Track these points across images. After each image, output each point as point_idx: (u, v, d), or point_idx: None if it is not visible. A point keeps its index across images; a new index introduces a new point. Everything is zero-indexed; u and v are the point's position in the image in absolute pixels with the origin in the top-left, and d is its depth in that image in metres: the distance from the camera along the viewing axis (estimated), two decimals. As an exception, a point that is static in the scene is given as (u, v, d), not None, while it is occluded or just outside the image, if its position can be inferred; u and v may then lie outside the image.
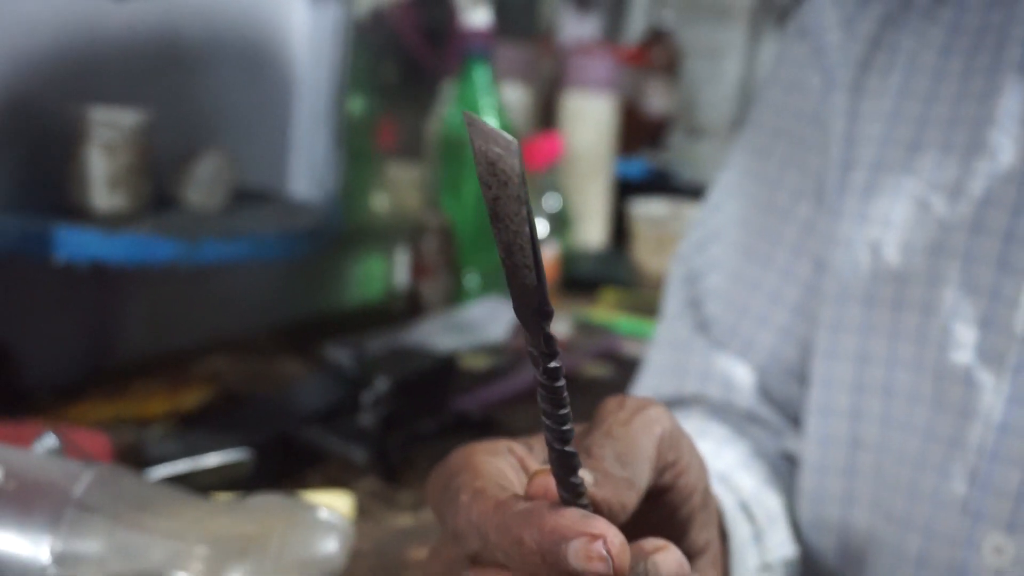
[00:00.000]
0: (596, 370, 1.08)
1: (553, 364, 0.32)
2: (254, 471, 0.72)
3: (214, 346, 1.07)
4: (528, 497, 0.35)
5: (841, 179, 0.64)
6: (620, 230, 1.63)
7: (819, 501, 0.63)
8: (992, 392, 0.55)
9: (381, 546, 0.68)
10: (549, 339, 0.31)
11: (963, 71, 0.61)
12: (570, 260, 1.45)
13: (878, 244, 0.61)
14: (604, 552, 0.32)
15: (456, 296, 1.24)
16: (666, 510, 0.41)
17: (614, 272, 1.48)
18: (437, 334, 1.14)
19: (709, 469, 0.56)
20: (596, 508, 0.35)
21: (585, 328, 1.21)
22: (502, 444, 0.40)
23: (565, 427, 0.33)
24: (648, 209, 1.55)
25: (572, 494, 0.35)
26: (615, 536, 0.33)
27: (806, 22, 0.69)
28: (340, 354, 0.93)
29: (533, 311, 0.30)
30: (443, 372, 0.90)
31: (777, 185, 0.69)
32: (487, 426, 0.89)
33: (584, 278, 1.44)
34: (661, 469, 0.39)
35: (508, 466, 0.39)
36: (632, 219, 1.56)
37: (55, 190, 0.89)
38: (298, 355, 1.07)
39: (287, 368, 1.04)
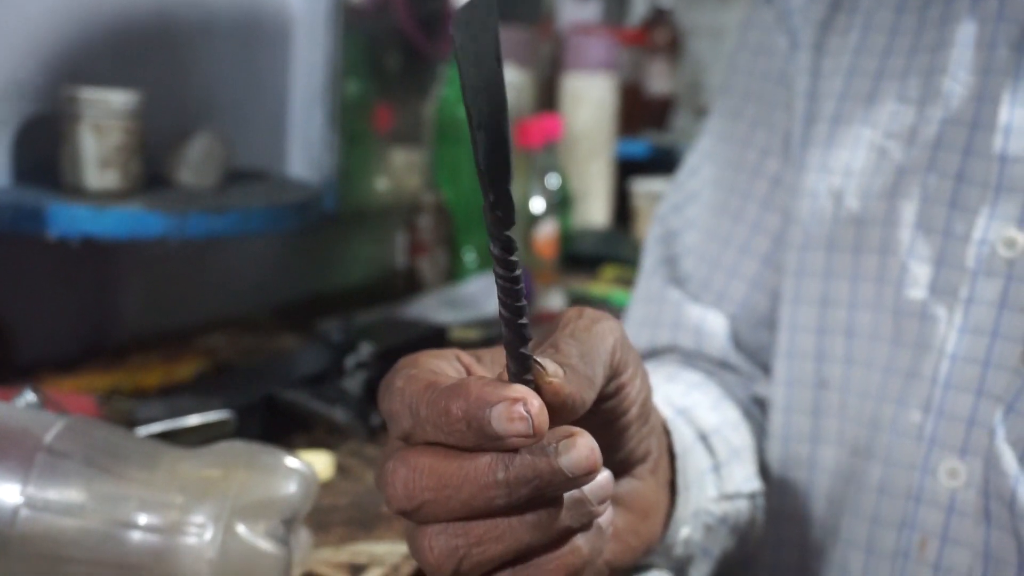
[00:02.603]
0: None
1: (510, 233, 0.33)
2: (237, 432, 0.74)
3: (212, 324, 1.09)
4: None
5: (805, 133, 0.66)
6: (623, 209, 1.64)
7: (787, 440, 0.65)
8: (945, 324, 0.57)
9: (358, 500, 0.70)
10: (508, 202, 0.32)
11: (916, 25, 0.63)
12: (571, 238, 1.47)
13: (840, 192, 0.63)
14: (524, 413, 0.34)
15: (453, 273, 1.26)
16: (606, 416, 0.43)
17: (616, 249, 1.49)
18: (434, 310, 1.16)
19: (674, 405, 0.58)
20: (560, 400, 0.37)
21: (581, 302, 1.22)
22: (451, 351, 0.42)
23: (519, 302, 0.35)
24: (649, 187, 1.56)
25: (521, 367, 0.36)
26: (534, 399, 0.34)
27: None
28: (331, 327, 0.95)
29: (496, 170, 0.32)
30: (430, 342, 0.92)
31: (747, 144, 0.71)
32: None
33: (586, 256, 1.46)
34: (610, 376, 0.41)
35: (451, 368, 0.41)
36: (634, 197, 1.57)
37: (49, 170, 0.91)
38: (295, 332, 1.09)
39: (284, 344, 1.06)
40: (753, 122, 0.71)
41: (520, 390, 0.34)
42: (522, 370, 0.36)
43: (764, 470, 0.65)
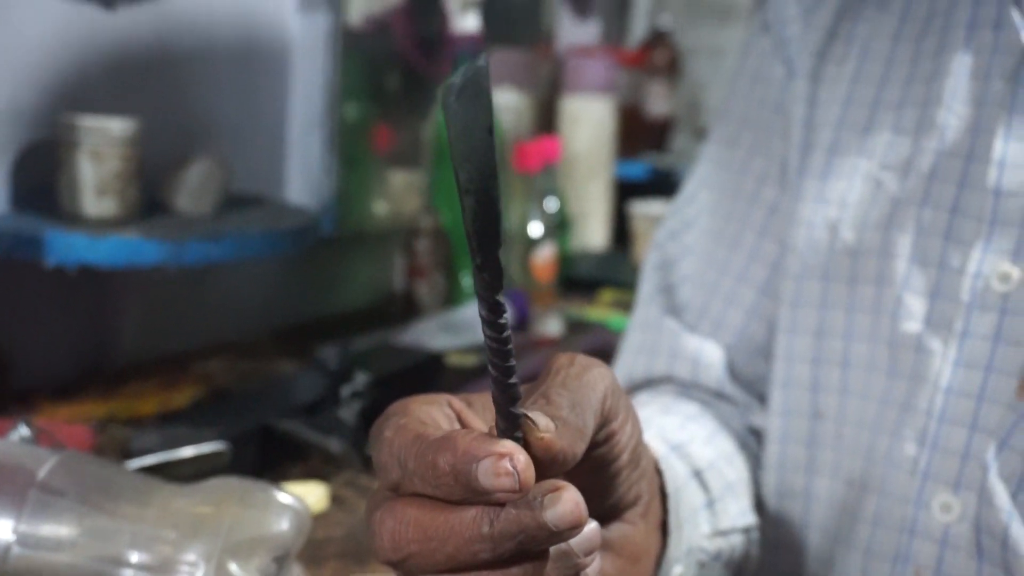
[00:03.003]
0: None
1: (499, 297, 0.33)
2: (232, 463, 0.74)
3: (210, 349, 1.10)
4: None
5: (801, 163, 0.67)
6: (622, 231, 1.64)
7: (783, 470, 0.65)
8: (940, 357, 0.57)
9: (352, 532, 0.69)
10: (497, 266, 0.32)
11: (912, 55, 0.63)
12: (570, 261, 1.47)
13: (836, 223, 0.63)
14: (511, 468, 0.34)
15: (451, 297, 1.26)
16: (596, 462, 0.42)
17: (614, 272, 1.49)
18: (431, 334, 1.16)
19: (668, 441, 0.58)
20: (552, 456, 0.36)
21: (578, 326, 1.23)
22: (442, 396, 0.42)
23: (508, 363, 0.35)
24: (648, 209, 1.56)
25: (510, 424, 0.36)
26: (521, 454, 0.34)
27: (769, 17, 0.72)
28: (328, 353, 0.95)
29: (484, 234, 0.32)
30: (427, 369, 0.92)
31: (745, 171, 0.71)
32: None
33: (584, 279, 1.46)
34: (601, 424, 0.41)
35: (442, 415, 0.41)
36: (633, 219, 1.57)
37: (46, 196, 0.91)
38: (293, 357, 1.09)
39: (281, 369, 1.06)
40: (750, 150, 0.72)
41: (507, 445, 0.34)
42: (511, 428, 0.36)
43: (759, 502, 0.65)
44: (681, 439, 0.60)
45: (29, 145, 0.94)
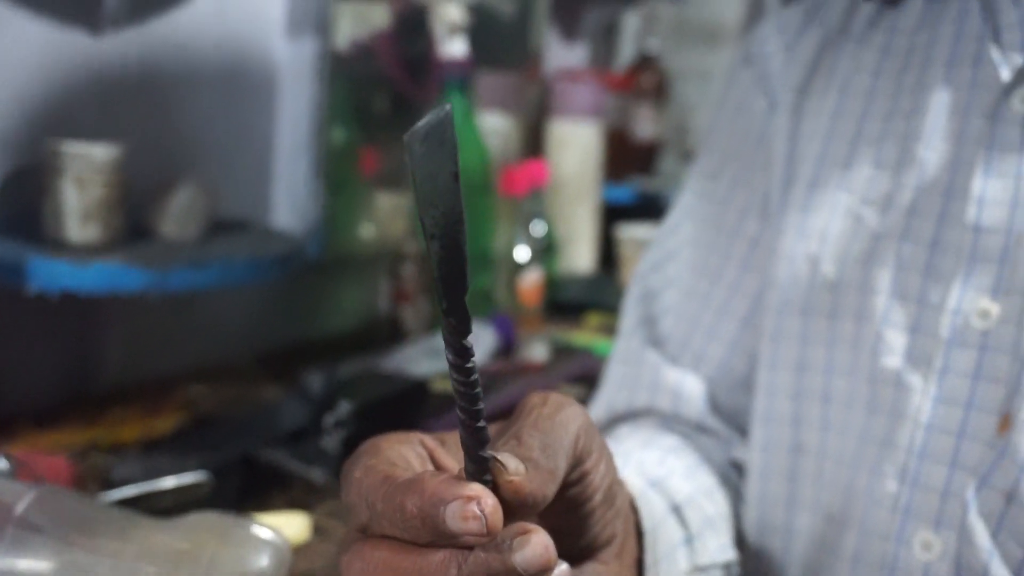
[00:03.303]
0: (570, 391, 1.09)
1: (466, 342, 0.34)
2: (214, 493, 0.73)
3: (195, 374, 1.09)
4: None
5: (783, 196, 0.67)
6: (608, 254, 1.65)
7: (763, 505, 0.65)
8: (920, 394, 0.57)
9: (334, 565, 0.69)
10: (463, 311, 0.33)
11: (893, 90, 0.63)
12: (556, 284, 1.47)
13: (816, 257, 0.63)
14: (478, 512, 0.34)
15: (437, 322, 1.26)
16: (570, 503, 0.42)
17: (601, 296, 1.49)
18: (416, 359, 1.15)
19: (647, 476, 0.58)
20: (521, 499, 0.37)
21: (564, 351, 1.23)
22: (414, 435, 0.42)
23: (476, 407, 0.35)
24: (635, 232, 1.56)
25: (479, 468, 0.36)
26: (488, 498, 0.35)
27: (751, 50, 0.72)
28: (312, 379, 0.95)
29: (451, 279, 0.32)
30: (411, 396, 0.92)
31: (727, 204, 0.72)
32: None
33: (570, 302, 1.46)
34: (574, 464, 0.41)
35: (414, 454, 0.41)
36: (619, 243, 1.57)
37: (30, 222, 0.91)
38: (278, 382, 1.09)
39: (266, 395, 1.05)
40: (732, 182, 0.72)
41: (475, 488, 0.35)
42: (480, 471, 0.36)
43: (740, 537, 0.65)
44: (660, 474, 0.60)
45: (13, 171, 0.93)
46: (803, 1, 0.72)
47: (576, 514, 0.43)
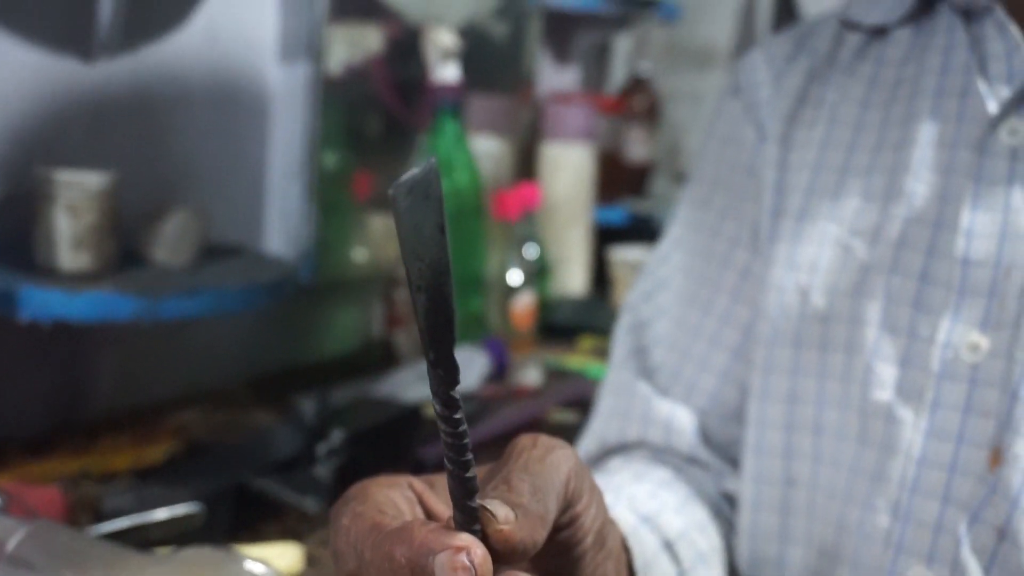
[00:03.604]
0: (562, 416, 1.09)
1: (454, 392, 0.33)
2: (207, 523, 0.73)
3: (188, 399, 1.09)
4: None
5: (772, 227, 0.67)
6: (601, 277, 1.65)
7: (756, 538, 0.64)
8: (912, 428, 0.56)
9: (327, 596, 0.69)
10: (451, 362, 0.33)
11: (881, 122, 0.63)
12: (548, 308, 1.47)
13: (806, 288, 0.63)
14: (468, 563, 0.34)
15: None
16: (561, 546, 0.42)
17: (594, 318, 1.49)
18: (410, 384, 1.15)
19: (639, 512, 0.58)
20: (511, 547, 0.36)
21: (557, 375, 1.23)
22: (403, 478, 0.42)
23: (465, 457, 0.35)
24: (627, 255, 1.56)
25: (468, 517, 0.36)
26: (478, 548, 0.34)
27: (740, 80, 0.72)
28: (305, 405, 0.95)
29: (438, 331, 0.32)
30: (405, 422, 0.92)
31: (716, 234, 0.71)
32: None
33: (563, 325, 1.46)
34: (564, 507, 0.41)
35: (403, 498, 0.40)
36: (612, 265, 1.58)
37: (22, 250, 0.91)
38: (271, 408, 1.09)
39: (258, 420, 1.05)
40: (722, 212, 0.72)
41: (464, 539, 0.34)
42: (469, 520, 0.36)
43: (733, 570, 0.65)
44: (652, 509, 0.59)
45: (4, 198, 0.93)
46: (791, 30, 0.72)
47: (567, 557, 0.43)
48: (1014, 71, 0.57)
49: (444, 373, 0.33)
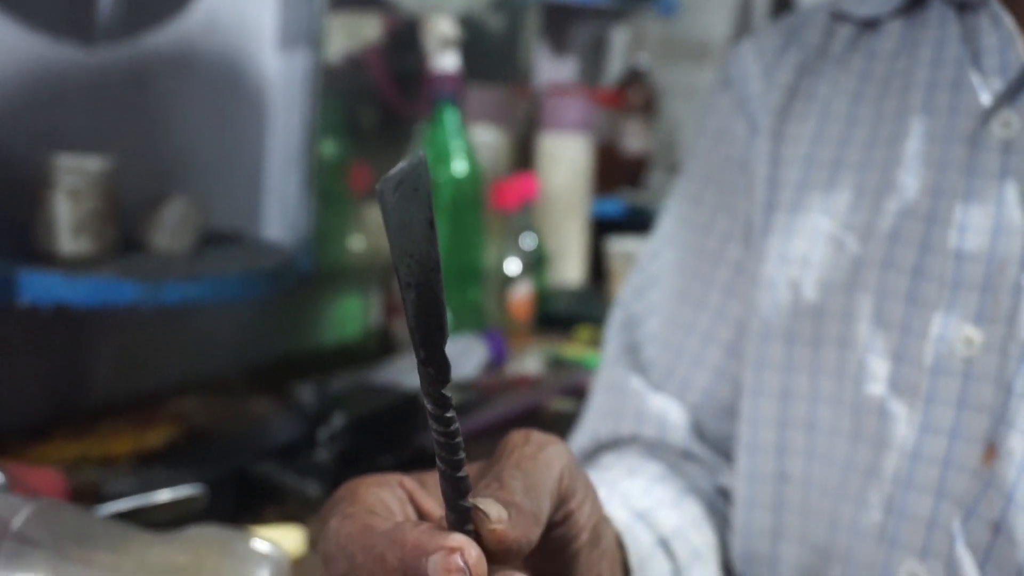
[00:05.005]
0: (562, 405, 1.09)
1: (445, 391, 0.33)
2: (209, 507, 0.73)
3: (186, 387, 1.09)
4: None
5: (765, 221, 0.66)
6: (598, 268, 1.65)
7: (749, 535, 0.64)
8: (905, 422, 0.56)
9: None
10: (442, 360, 0.32)
11: (873, 116, 0.63)
12: (546, 298, 1.47)
13: (798, 283, 0.63)
14: (462, 564, 0.33)
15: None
16: (555, 544, 0.41)
17: (591, 309, 1.49)
18: (408, 373, 1.15)
19: (633, 508, 0.57)
20: (505, 547, 0.36)
21: (556, 365, 1.23)
22: (393, 477, 0.41)
23: (457, 456, 0.34)
24: (624, 246, 1.56)
25: (460, 517, 0.35)
26: (472, 548, 0.34)
27: (730, 73, 0.71)
28: (305, 392, 0.95)
29: (428, 329, 0.31)
30: (404, 409, 0.92)
31: (709, 229, 0.71)
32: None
33: (560, 316, 1.46)
34: (557, 504, 0.40)
35: (393, 497, 0.40)
36: (609, 257, 1.58)
37: (22, 235, 0.91)
38: (270, 395, 1.09)
39: (257, 408, 1.05)
40: (714, 208, 0.71)
41: (458, 539, 0.34)
42: (462, 521, 0.35)
43: (727, 566, 0.64)
44: (646, 505, 0.59)
45: (4, 184, 0.93)
46: (780, 22, 0.72)
47: (562, 556, 0.42)
48: (1007, 63, 0.57)
49: (435, 372, 0.32)
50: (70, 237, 0.89)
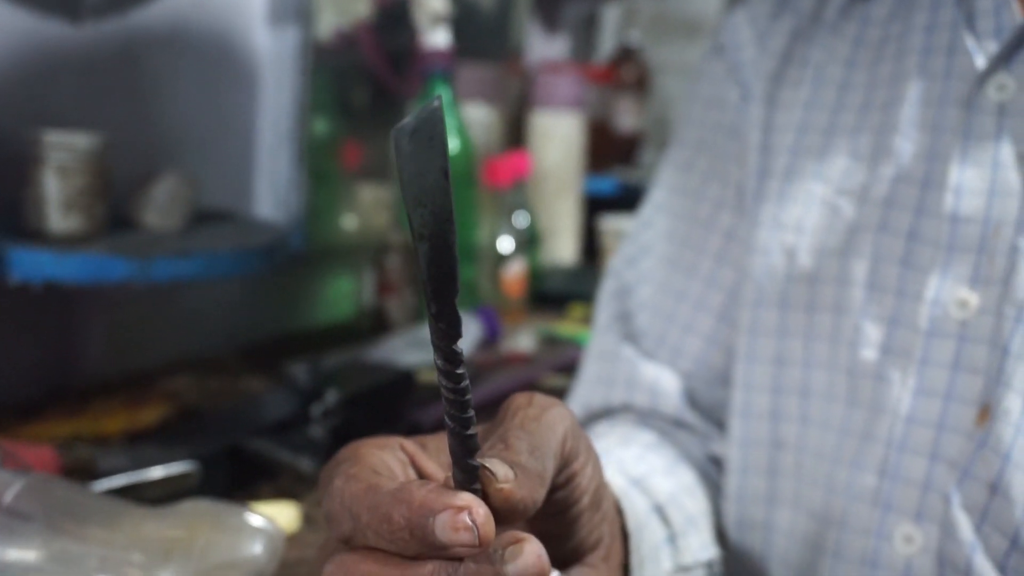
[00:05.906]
0: (556, 381, 1.09)
1: (456, 346, 0.32)
2: (202, 483, 0.73)
3: (179, 366, 1.08)
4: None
5: (758, 188, 0.66)
6: (591, 246, 1.65)
7: (744, 501, 0.64)
8: (899, 386, 0.56)
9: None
10: (454, 314, 0.31)
11: (867, 82, 0.63)
12: (539, 276, 1.47)
13: (793, 249, 0.63)
14: (470, 522, 0.33)
15: (421, 313, 1.25)
16: (557, 506, 0.41)
17: (584, 287, 1.49)
18: (402, 351, 1.15)
19: (628, 475, 0.57)
20: (511, 506, 0.36)
21: (550, 342, 1.23)
22: (394, 440, 0.41)
23: (467, 414, 0.34)
24: (617, 224, 1.56)
25: (468, 476, 0.35)
26: (480, 507, 0.34)
27: (723, 40, 0.71)
28: (298, 370, 0.95)
29: (440, 282, 0.31)
30: (398, 386, 0.91)
31: (700, 197, 0.71)
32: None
33: (554, 293, 1.46)
34: (561, 466, 0.40)
35: (395, 459, 0.40)
36: (601, 234, 1.58)
37: (12, 213, 0.90)
38: (263, 374, 1.08)
39: (250, 386, 1.05)
40: (706, 175, 0.71)
41: (465, 498, 0.34)
42: (469, 480, 0.35)
43: (721, 533, 0.64)
44: (641, 472, 0.59)
45: (-6, 161, 0.92)
46: None
47: (564, 518, 0.42)
48: (1002, 26, 0.57)
49: (446, 326, 0.32)
50: (60, 214, 0.89)
